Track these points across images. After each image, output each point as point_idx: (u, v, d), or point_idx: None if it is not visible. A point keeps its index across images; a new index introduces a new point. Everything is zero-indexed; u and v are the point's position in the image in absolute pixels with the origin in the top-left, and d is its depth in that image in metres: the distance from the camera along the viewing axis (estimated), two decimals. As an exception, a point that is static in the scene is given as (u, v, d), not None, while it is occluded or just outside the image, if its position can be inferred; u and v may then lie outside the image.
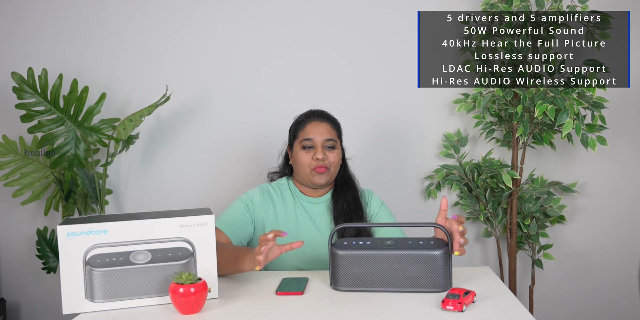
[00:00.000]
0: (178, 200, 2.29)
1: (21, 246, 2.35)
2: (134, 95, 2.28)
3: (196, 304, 1.12)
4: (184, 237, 1.19)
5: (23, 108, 2.07)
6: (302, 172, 1.60)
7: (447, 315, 1.08)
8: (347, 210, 1.60)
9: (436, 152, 2.26)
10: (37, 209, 2.34)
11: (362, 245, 1.26)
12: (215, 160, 2.30)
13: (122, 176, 2.32)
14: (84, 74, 2.25)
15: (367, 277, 1.23)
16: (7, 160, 2.16)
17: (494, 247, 2.29)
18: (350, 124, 2.21)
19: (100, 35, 2.27)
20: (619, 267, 2.24)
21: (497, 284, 1.28)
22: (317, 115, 1.64)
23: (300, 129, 1.63)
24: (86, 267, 1.16)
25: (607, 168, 2.22)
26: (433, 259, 1.20)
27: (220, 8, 2.25)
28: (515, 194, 2.08)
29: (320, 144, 1.59)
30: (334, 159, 1.59)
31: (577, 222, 2.24)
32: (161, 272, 1.19)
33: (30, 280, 2.36)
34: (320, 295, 1.24)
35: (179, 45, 2.27)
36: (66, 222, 1.17)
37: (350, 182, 1.67)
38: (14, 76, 2.03)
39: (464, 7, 2.15)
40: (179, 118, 2.29)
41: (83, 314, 1.16)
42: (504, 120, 2.11)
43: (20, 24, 2.28)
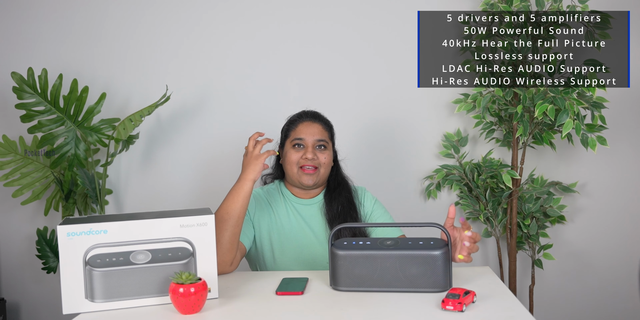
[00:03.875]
0: (178, 200, 2.29)
1: (21, 246, 2.35)
2: (134, 95, 2.28)
3: (196, 304, 1.12)
4: (184, 237, 1.20)
5: (23, 108, 2.07)
6: (290, 171, 1.60)
7: (447, 315, 1.08)
8: (341, 213, 1.59)
9: (436, 152, 2.26)
10: (37, 209, 2.34)
11: (362, 245, 1.26)
12: (215, 160, 2.30)
13: (122, 176, 2.32)
14: (84, 74, 2.25)
15: (367, 277, 1.23)
16: (7, 160, 2.16)
17: (494, 247, 2.29)
18: (350, 124, 2.21)
19: (100, 35, 2.28)
20: (619, 267, 2.24)
21: (497, 284, 1.28)
22: (309, 116, 1.65)
23: (292, 128, 1.63)
24: (86, 267, 1.16)
25: (607, 168, 2.22)
26: (433, 259, 1.20)
27: (221, 8, 2.25)
28: (515, 194, 2.08)
29: (311, 144, 1.59)
30: (324, 160, 1.59)
31: (577, 222, 2.24)
32: (161, 272, 1.19)
33: (30, 280, 2.36)
34: (320, 295, 1.24)
35: (179, 45, 2.27)
36: (66, 222, 1.17)
37: (343, 184, 1.67)
38: (14, 76, 2.03)
39: (464, 7, 2.15)
40: (179, 118, 2.29)
41: (83, 314, 1.16)
42: (504, 120, 2.11)
43: (20, 24, 2.28)
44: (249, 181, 1.44)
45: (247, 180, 1.44)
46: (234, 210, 1.42)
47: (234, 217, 1.42)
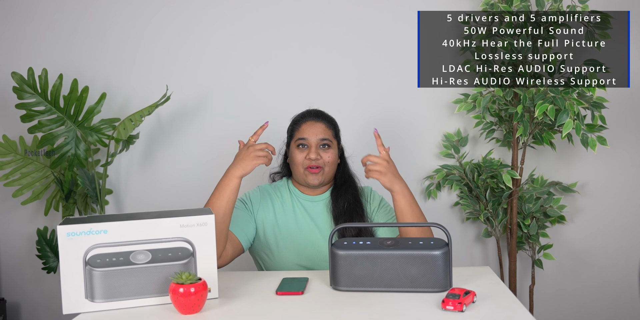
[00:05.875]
0: (178, 200, 2.29)
1: (21, 246, 2.35)
2: (134, 95, 2.28)
3: (196, 304, 1.12)
4: (184, 237, 1.20)
5: (23, 108, 2.07)
6: (297, 171, 1.61)
7: (447, 315, 1.09)
8: (347, 210, 1.60)
9: (436, 152, 2.26)
10: (37, 209, 2.34)
11: (362, 245, 1.26)
12: (216, 160, 2.29)
13: (122, 176, 2.32)
14: (84, 74, 2.25)
15: (367, 277, 1.23)
16: (7, 160, 2.16)
17: (494, 247, 2.29)
18: (350, 124, 2.21)
19: (100, 35, 2.28)
20: (619, 267, 2.24)
21: (497, 284, 1.28)
22: (312, 115, 1.65)
23: (296, 128, 1.64)
24: (86, 267, 1.16)
25: (607, 168, 2.21)
26: (433, 258, 1.20)
27: (221, 9, 2.25)
28: (515, 194, 2.08)
29: (314, 143, 1.59)
30: (328, 159, 1.60)
31: (577, 222, 2.24)
32: (161, 272, 1.19)
33: (30, 280, 2.36)
34: (320, 295, 1.24)
35: (179, 45, 2.27)
36: (66, 222, 1.17)
37: (350, 181, 1.68)
38: (14, 76, 2.03)
39: (464, 7, 2.15)
40: (179, 118, 2.29)
41: (83, 314, 1.16)
42: (504, 120, 2.11)
43: (20, 24, 2.28)
44: (236, 178, 1.42)
45: (234, 176, 1.42)
46: (219, 206, 1.41)
47: (219, 214, 1.40)
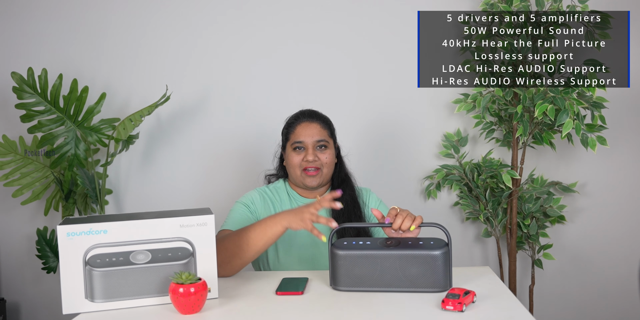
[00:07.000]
0: (178, 200, 2.29)
1: (21, 246, 2.35)
2: (134, 95, 2.28)
3: (196, 304, 1.12)
4: (184, 237, 1.19)
5: (23, 108, 2.07)
6: (294, 174, 1.59)
7: (447, 315, 1.08)
8: (345, 211, 1.59)
9: (436, 152, 2.26)
10: (37, 209, 2.34)
11: (362, 245, 1.26)
12: (216, 161, 2.30)
13: (122, 176, 2.32)
14: (84, 74, 2.25)
15: (367, 277, 1.23)
16: (7, 160, 2.16)
17: (494, 247, 2.29)
18: (350, 124, 2.21)
19: (100, 35, 2.28)
20: (619, 266, 2.24)
21: (497, 284, 1.28)
22: (307, 116, 1.63)
23: (291, 131, 1.61)
24: (86, 267, 1.16)
25: (607, 168, 2.22)
26: (433, 258, 1.20)
27: (221, 8, 2.25)
28: (515, 194, 2.08)
29: (310, 145, 1.58)
30: (326, 160, 1.58)
31: (577, 222, 2.24)
32: (161, 272, 1.19)
33: (30, 280, 2.36)
34: (320, 295, 1.24)
35: (179, 45, 2.27)
36: (66, 222, 1.17)
37: (347, 181, 1.66)
38: (14, 76, 2.03)
39: (464, 7, 2.15)
40: (179, 118, 2.29)
41: (83, 314, 1.16)
42: (504, 120, 2.11)
43: (20, 24, 2.28)
44: (282, 227, 1.33)
45: (281, 225, 1.33)
46: (256, 245, 1.35)
47: (253, 250, 1.35)
